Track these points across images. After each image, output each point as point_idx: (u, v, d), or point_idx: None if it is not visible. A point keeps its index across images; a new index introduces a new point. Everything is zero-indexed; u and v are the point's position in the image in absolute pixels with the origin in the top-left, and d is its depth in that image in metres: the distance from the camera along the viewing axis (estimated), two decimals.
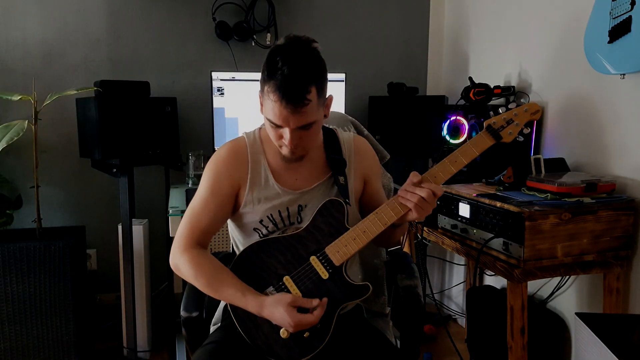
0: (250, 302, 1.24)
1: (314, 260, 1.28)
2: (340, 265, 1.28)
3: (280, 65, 1.16)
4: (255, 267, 1.30)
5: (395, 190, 1.26)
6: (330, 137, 1.42)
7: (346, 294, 1.28)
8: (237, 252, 1.40)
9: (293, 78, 1.16)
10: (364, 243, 1.28)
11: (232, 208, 1.37)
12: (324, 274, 1.27)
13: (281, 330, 1.25)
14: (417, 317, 1.44)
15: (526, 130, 1.36)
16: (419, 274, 1.54)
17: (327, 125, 1.45)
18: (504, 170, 1.94)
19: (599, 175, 1.80)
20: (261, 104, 1.26)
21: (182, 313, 1.39)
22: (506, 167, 1.92)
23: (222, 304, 1.51)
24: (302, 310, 1.21)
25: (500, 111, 1.35)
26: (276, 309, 1.20)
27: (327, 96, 1.27)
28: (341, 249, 1.27)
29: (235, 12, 2.73)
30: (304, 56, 1.19)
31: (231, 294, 1.26)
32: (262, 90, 1.22)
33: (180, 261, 1.30)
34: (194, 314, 1.39)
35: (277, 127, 1.23)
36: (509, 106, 1.35)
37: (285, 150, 1.27)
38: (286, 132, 1.22)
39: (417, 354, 1.44)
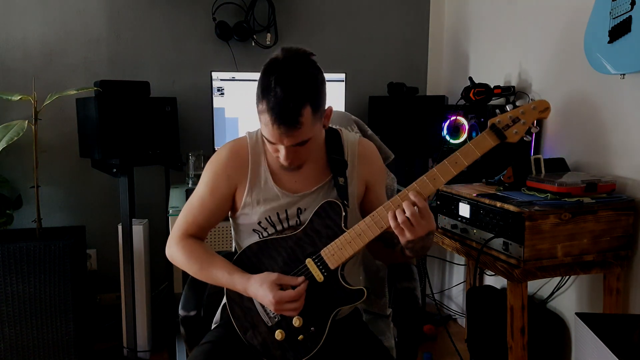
0: (237, 280, 1.26)
1: (309, 262, 1.26)
2: (335, 269, 1.25)
3: (273, 85, 1.14)
4: (253, 268, 1.30)
5: (399, 191, 1.24)
6: (334, 137, 1.39)
7: (341, 298, 1.26)
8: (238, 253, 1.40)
9: (286, 101, 1.13)
10: (359, 247, 1.24)
11: (230, 207, 1.38)
12: (319, 277, 1.25)
13: (276, 332, 1.25)
14: (414, 320, 1.42)
15: (535, 130, 1.26)
16: (418, 275, 1.54)
17: (332, 126, 1.42)
18: (504, 170, 1.94)
19: (599, 175, 1.80)
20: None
21: (181, 312, 1.40)
22: (506, 167, 1.92)
23: (222, 303, 1.51)
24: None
25: (508, 109, 1.28)
26: (260, 286, 1.22)
27: (325, 107, 1.24)
28: (337, 252, 1.25)
29: (235, 12, 2.73)
30: (298, 75, 1.15)
31: (220, 274, 1.29)
32: (256, 104, 1.20)
33: (174, 250, 1.35)
34: (192, 313, 1.39)
35: (272, 143, 1.22)
36: (517, 103, 1.27)
37: (281, 162, 1.26)
38: (281, 149, 1.22)
39: (414, 356, 1.43)
